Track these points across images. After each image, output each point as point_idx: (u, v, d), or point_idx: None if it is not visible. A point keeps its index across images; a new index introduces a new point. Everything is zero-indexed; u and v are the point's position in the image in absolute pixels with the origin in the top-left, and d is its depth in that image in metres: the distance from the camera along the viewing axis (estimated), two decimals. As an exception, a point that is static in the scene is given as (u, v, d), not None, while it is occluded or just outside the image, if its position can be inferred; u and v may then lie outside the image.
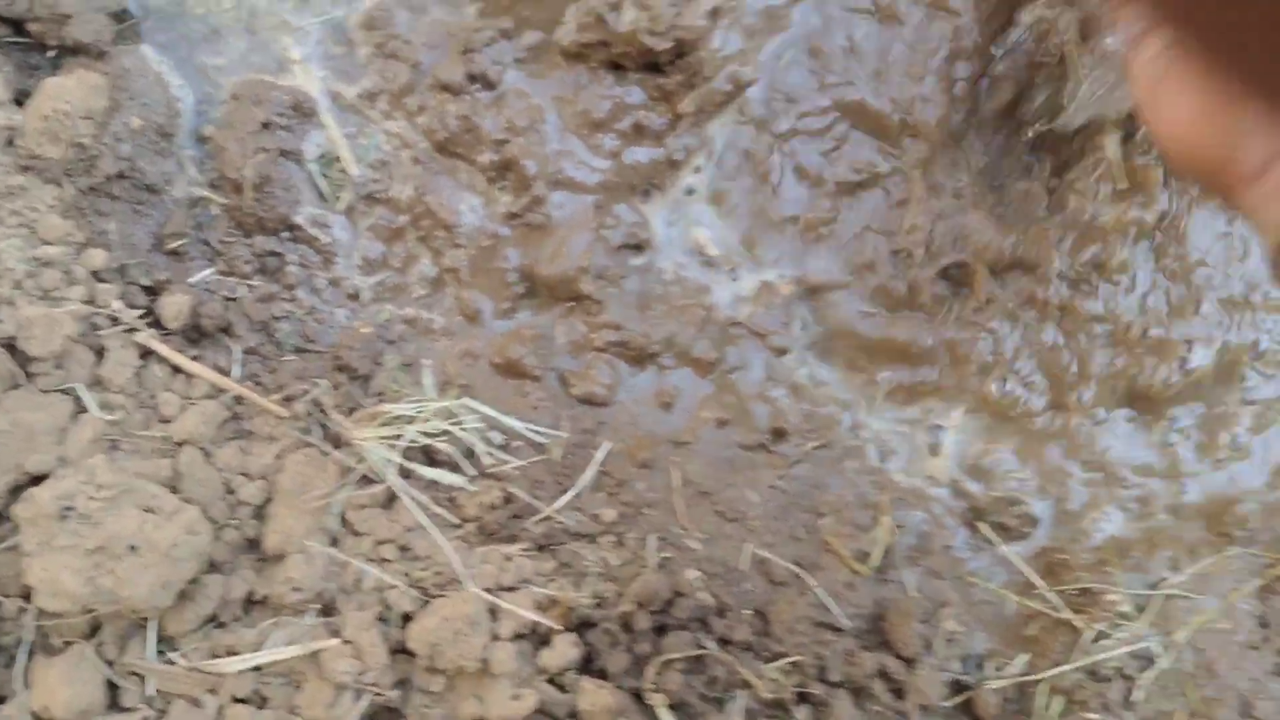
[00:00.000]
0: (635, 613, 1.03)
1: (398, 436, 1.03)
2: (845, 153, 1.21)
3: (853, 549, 1.14)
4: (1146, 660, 1.15)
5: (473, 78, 1.15)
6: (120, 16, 1.11)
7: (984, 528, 1.19)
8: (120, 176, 1.09)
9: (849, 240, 1.21)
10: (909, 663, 1.09)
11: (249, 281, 1.13)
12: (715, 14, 1.13)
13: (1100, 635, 1.15)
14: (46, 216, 1.04)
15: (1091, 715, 1.13)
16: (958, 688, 1.13)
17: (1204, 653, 1.17)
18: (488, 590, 1.00)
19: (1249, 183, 0.70)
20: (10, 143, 1.05)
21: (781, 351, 1.20)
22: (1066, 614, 1.16)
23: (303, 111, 1.13)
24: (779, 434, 1.18)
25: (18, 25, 1.09)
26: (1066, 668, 1.13)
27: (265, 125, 1.11)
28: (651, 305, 1.18)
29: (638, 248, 1.19)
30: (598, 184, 1.17)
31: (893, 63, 1.20)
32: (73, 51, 1.10)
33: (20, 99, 1.09)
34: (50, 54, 1.11)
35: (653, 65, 1.15)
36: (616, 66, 1.16)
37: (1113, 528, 1.22)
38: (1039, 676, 1.14)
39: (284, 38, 1.14)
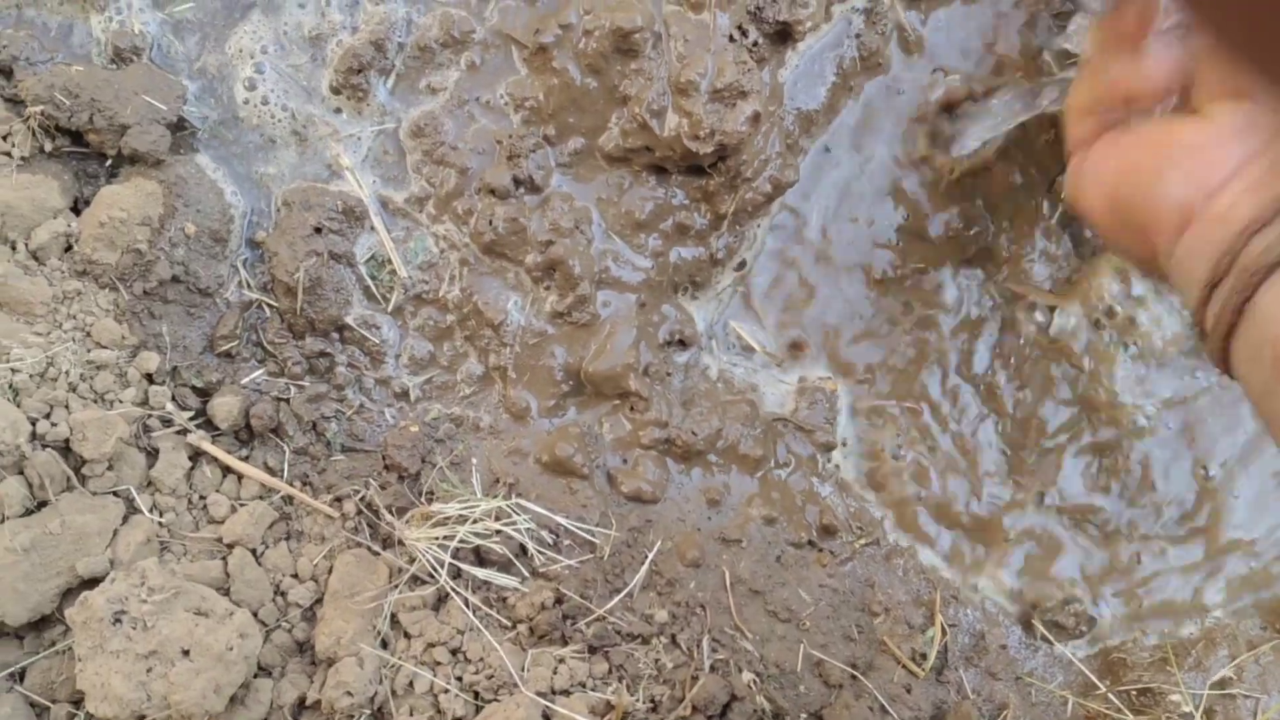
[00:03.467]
0: (692, 717, 1.00)
1: (450, 537, 1.02)
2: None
3: (908, 649, 1.12)
4: (1215, 763, 1.12)
5: (519, 182, 1.17)
6: (176, 127, 1.14)
7: (1039, 626, 1.17)
8: (174, 281, 1.11)
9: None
10: (972, 768, 1.06)
11: (299, 382, 1.14)
12: (755, 120, 1.16)
13: (1165, 737, 1.12)
14: (102, 320, 1.05)
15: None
16: (1022, 794, 1.09)
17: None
18: (541, 694, 0.98)
19: (1171, 239, 0.69)
20: (68, 249, 1.07)
21: (828, 447, 1.19)
22: (1128, 715, 1.13)
23: (353, 216, 1.15)
24: (828, 531, 1.17)
25: (76, 136, 1.12)
26: (1134, 772, 1.10)
27: (317, 230, 1.13)
28: (697, 402, 1.18)
29: (683, 344, 1.20)
30: (642, 282, 1.19)
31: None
32: (130, 161, 1.12)
33: (78, 206, 1.11)
34: (108, 163, 1.13)
35: (695, 168, 1.18)
36: (659, 169, 1.19)
37: (1170, 625, 1.19)
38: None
39: (335, 146, 1.17)
